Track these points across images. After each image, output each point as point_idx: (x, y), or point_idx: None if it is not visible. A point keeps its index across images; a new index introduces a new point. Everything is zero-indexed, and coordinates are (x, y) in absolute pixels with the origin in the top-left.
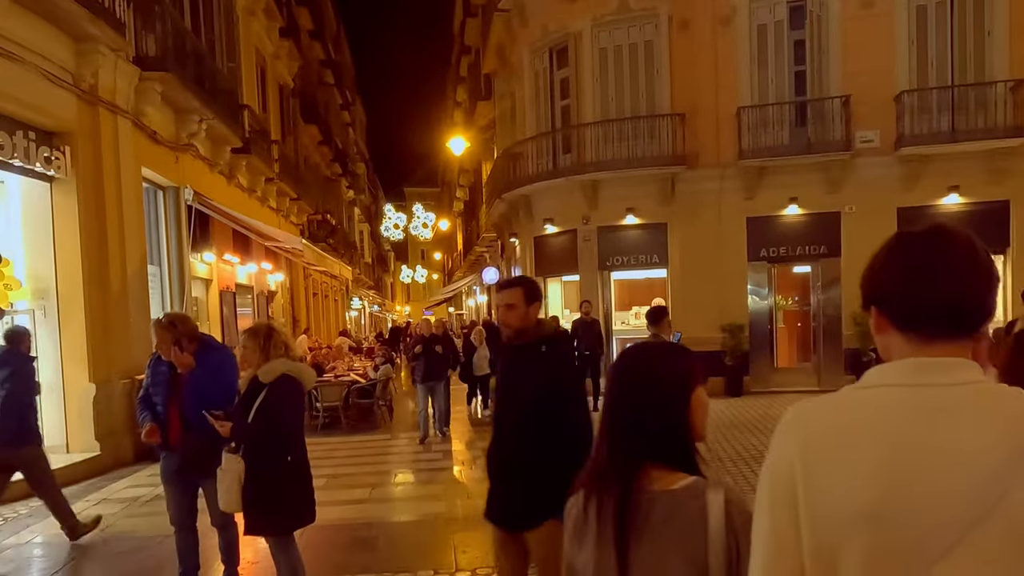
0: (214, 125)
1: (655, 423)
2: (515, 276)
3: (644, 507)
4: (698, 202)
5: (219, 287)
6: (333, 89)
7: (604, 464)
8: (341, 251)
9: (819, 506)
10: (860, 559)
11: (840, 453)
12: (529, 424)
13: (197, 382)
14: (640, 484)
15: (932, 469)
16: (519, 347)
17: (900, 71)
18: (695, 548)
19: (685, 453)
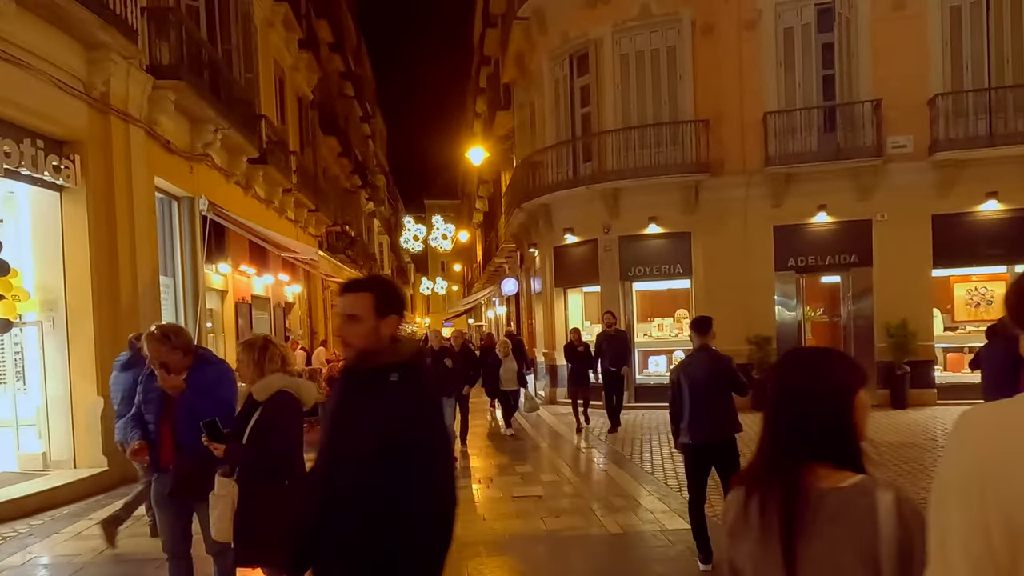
0: (230, 135)
1: (820, 426)
2: (366, 277)
3: (812, 504)
4: (723, 210)
5: (235, 298)
6: (353, 101)
7: (766, 464)
8: (360, 263)
9: (1010, 502)
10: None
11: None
12: (354, 500)
13: (191, 399)
14: (806, 482)
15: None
16: (360, 375)
17: (934, 74)
18: (866, 544)
19: (851, 453)
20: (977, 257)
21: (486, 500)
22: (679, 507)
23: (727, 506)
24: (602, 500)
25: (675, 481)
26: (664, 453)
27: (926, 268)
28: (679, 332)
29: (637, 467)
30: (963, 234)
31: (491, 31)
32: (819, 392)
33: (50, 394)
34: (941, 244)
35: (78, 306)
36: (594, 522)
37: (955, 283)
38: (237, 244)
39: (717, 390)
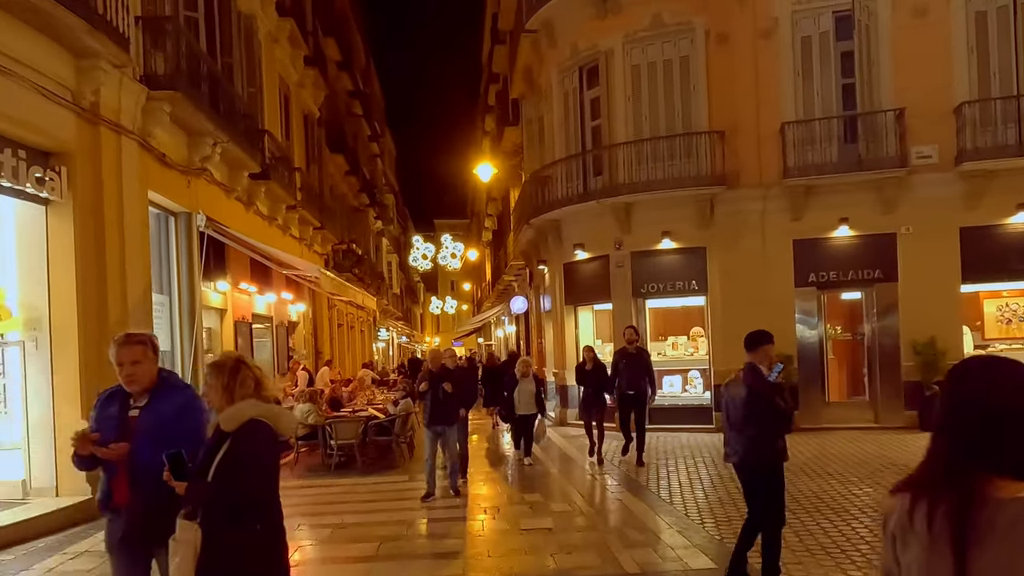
0: (230, 149)
1: (1001, 437)
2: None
3: (988, 513)
4: (739, 224)
5: (234, 317)
6: (361, 120)
7: (938, 472)
8: (368, 281)
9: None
10: None
11: None
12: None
13: (152, 427)
14: (983, 491)
15: None
16: None
17: (959, 82)
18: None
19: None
20: (1008, 271)
21: (491, 533)
22: (702, 542)
23: (888, 511)
24: (617, 533)
25: (696, 512)
26: (683, 480)
27: (954, 283)
28: (694, 351)
29: (654, 495)
30: (993, 247)
31: (499, 48)
32: (1005, 400)
33: (32, 418)
34: (970, 258)
35: (63, 325)
36: (609, 559)
37: (985, 299)
38: (237, 261)
39: (750, 414)
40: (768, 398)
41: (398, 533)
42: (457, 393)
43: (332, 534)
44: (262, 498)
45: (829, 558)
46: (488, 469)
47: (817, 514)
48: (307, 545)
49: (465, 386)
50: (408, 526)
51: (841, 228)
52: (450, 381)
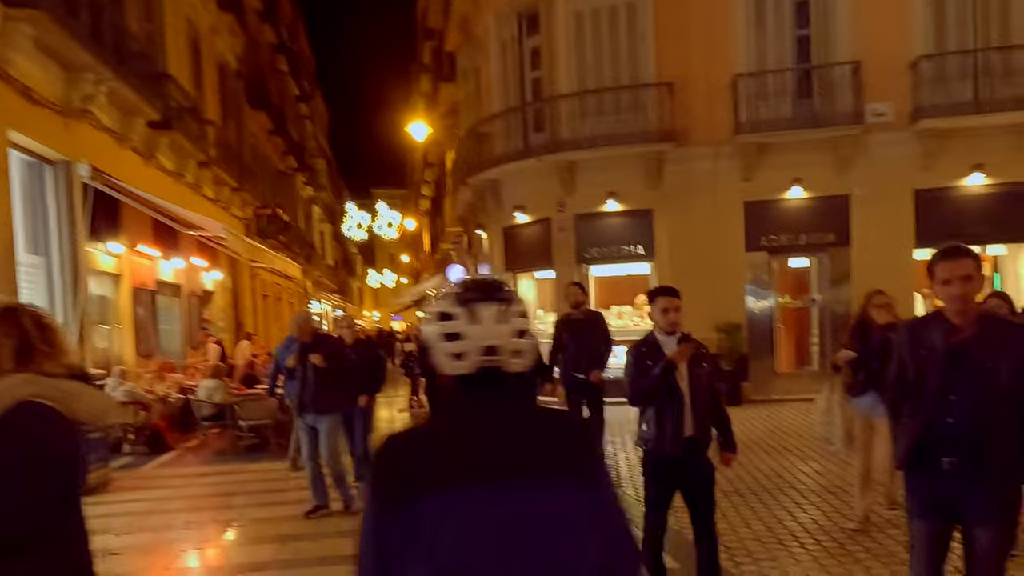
0: (119, 90)
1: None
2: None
3: None
4: (689, 185)
5: (132, 284)
6: (287, 77)
7: None
8: (296, 250)
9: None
10: None
11: None
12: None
13: None
14: None
15: None
16: None
17: (916, 34)
18: None
19: None
20: (961, 236)
21: None
22: None
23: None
24: None
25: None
26: (631, 459)
27: (908, 248)
28: (640, 320)
29: None
30: (947, 211)
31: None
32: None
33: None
34: (924, 222)
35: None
36: None
37: None
38: (135, 220)
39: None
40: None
41: (303, 531)
42: (340, 372)
43: (226, 533)
44: (42, 515)
45: (777, 541)
46: None
47: (782, 495)
48: (191, 549)
49: (363, 365)
50: (320, 521)
51: (794, 189)
52: (321, 353)
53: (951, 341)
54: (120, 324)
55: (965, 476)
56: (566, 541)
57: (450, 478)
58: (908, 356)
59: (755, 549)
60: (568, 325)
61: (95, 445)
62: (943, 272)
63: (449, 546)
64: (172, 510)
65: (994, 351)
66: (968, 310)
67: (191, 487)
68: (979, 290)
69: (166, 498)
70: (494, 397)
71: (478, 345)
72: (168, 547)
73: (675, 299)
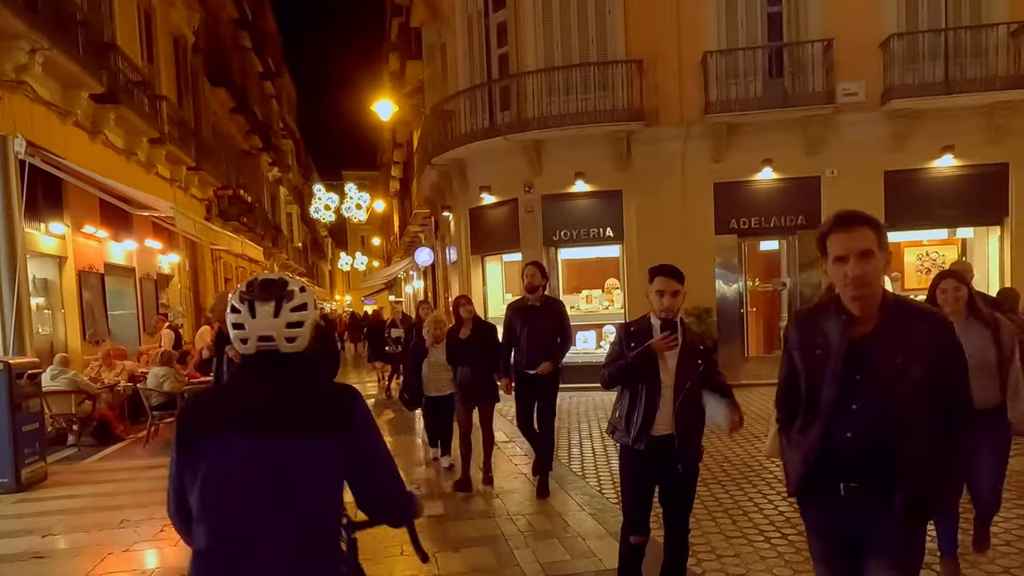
0: (57, 60)
1: None
2: None
3: None
4: (658, 166)
5: (77, 266)
6: (250, 54)
7: None
8: (260, 232)
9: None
10: None
11: None
12: None
13: None
14: None
15: None
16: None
17: (887, 12)
18: None
19: None
20: (930, 219)
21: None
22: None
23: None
24: (521, 521)
25: (612, 489)
26: (597, 448)
27: None
28: (609, 304)
29: (564, 468)
30: (916, 193)
31: None
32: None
33: None
34: (893, 204)
35: None
36: (505, 558)
37: (905, 248)
38: (80, 200)
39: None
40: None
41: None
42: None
43: (162, 532)
44: None
45: (742, 536)
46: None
47: (761, 483)
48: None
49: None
50: None
51: (764, 170)
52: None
53: (851, 336)
54: (64, 309)
55: (869, 503)
56: (316, 483)
57: (223, 426)
58: (799, 356)
59: (719, 544)
60: (520, 313)
61: (29, 438)
62: (836, 246)
63: (213, 481)
64: (110, 507)
65: (904, 346)
66: (869, 295)
67: (135, 481)
68: (883, 270)
69: (105, 494)
70: (270, 371)
71: (255, 334)
72: (96, 549)
73: (673, 281)
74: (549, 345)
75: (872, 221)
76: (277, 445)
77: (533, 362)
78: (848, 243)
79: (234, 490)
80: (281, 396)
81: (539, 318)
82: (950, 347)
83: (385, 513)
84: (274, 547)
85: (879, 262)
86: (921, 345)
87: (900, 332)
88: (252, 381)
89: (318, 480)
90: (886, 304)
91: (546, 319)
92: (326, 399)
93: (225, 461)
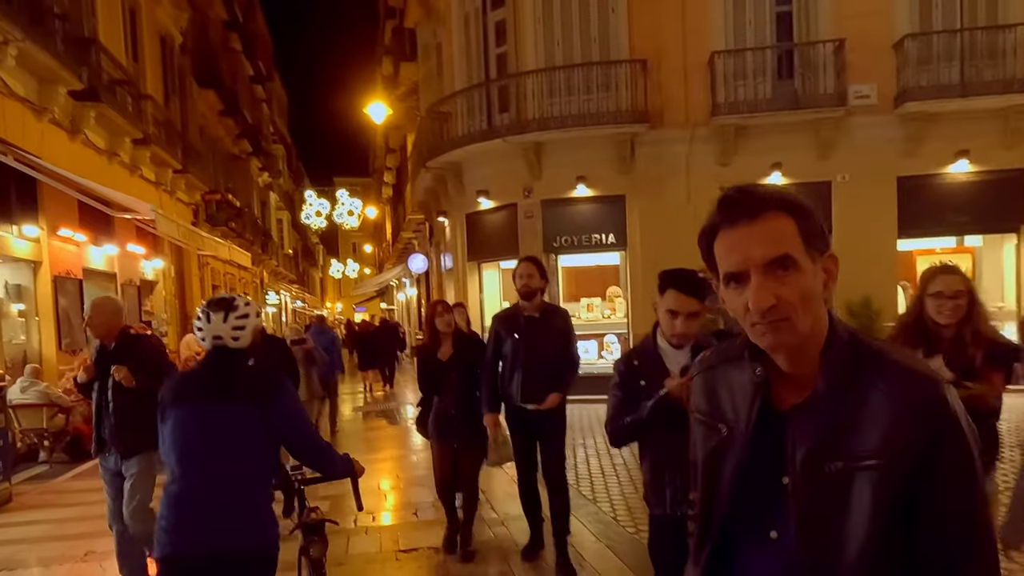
0: (31, 52)
1: None
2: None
3: None
4: (663, 169)
5: (53, 272)
6: (240, 56)
7: None
8: (249, 238)
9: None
10: None
11: None
12: None
13: None
14: None
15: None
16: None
17: (900, 11)
18: None
19: None
20: (944, 226)
21: (360, 555)
22: (639, 562)
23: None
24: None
25: (627, 515)
26: (605, 465)
27: (891, 238)
28: (611, 313)
29: (572, 490)
30: (930, 199)
31: None
32: None
33: None
34: (906, 210)
35: None
36: None
37: (918, 256)
38: (57, 202)
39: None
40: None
41: None
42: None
43: None
44: None
45: None
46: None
47: None
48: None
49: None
50: None
51: (773, 175)
52: (152, 368)
53: (773, 404)
54: (39, 316)
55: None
56: (243, 440)
57: (180, 398)
58: (700, 432)
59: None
60: (513, 326)
61: None
62: (727, 254)
63: (174, 441)
64: (75, 535)
65: (853, 433)
66: (792, 337)
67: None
68: (823, 289)
69: (71, 519)
70: (220, 360)
71: (210, 335)
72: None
73: (690, 300)
74: (553, 369)
75: (787, 201)
76: (217, 408)
77: (532, 392)
78: (747, 247)
79: (185, 442)
80: (224, 376)
81: (538, 333)
82: (948, 438)
83: (317, 467)
84: (213, 488)
85: (808, 276)
86: (888, 433)
87: (851, 404)
88: (207, 366)
89: (246, 437)
90: (835, 349)
91: (548, 334)
92: (257, 380)
93: (180, 423)
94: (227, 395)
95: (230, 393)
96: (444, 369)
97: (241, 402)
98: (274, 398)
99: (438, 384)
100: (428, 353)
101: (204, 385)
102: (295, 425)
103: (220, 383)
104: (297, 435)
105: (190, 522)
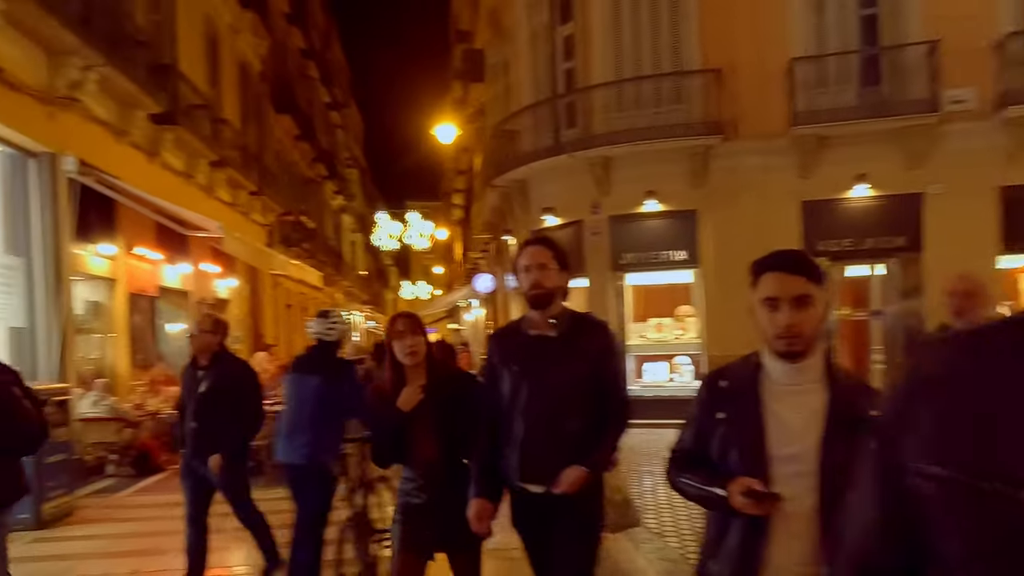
0: (112, 78)
1: None
2: None
3: None
4: (738, 183)
5: (129, 289)
6: (317, 84)
7: None
8: (322, 259)
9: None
10: None
11: None
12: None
13: None
14: None
15: None
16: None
17: (1002, 10)
18: None
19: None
20: None
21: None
22: None
23: None
24: None
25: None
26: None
27: (991, 254)
28: (682, 333)
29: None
30: None
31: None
32: None
33: None
34: (1010, 224)
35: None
36: None
37: (1020, 274)
38: (134, 221)
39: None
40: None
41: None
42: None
43: None
44: None
45: None
46: None
47: None
48: None
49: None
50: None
51: (858, 187)
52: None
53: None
54: (114, 332)
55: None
56: (318, 401)
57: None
58: (966, 512)
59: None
60: (517, 351)
61: (53, 470)
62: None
63: (287, 396)
64: (124, 552)
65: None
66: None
67: (161, 520)
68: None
69: (125, 534)
70: (321, 349)
71: (315, 331)
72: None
73: (796, 279)
74: (577, 424)
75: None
76: (304, 380)
77: (540, 462)
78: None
79: (289, 402)
80: (313, 356)
81: (551, 363)
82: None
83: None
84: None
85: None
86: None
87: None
88: (309, 352)
89: (319, 400)
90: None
91: (569, 363)
92: (334, 362)
93: (293, 387)
94: (314, 371)
95: (318, 369)
96: (405, 424)
97: (318, 375)
98: (342, 375)
99: (393, 450)
100: (381, 399)
101: (305, 362)
102: (350, 396)
103: (313, 359)
104: (348, 401)
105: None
